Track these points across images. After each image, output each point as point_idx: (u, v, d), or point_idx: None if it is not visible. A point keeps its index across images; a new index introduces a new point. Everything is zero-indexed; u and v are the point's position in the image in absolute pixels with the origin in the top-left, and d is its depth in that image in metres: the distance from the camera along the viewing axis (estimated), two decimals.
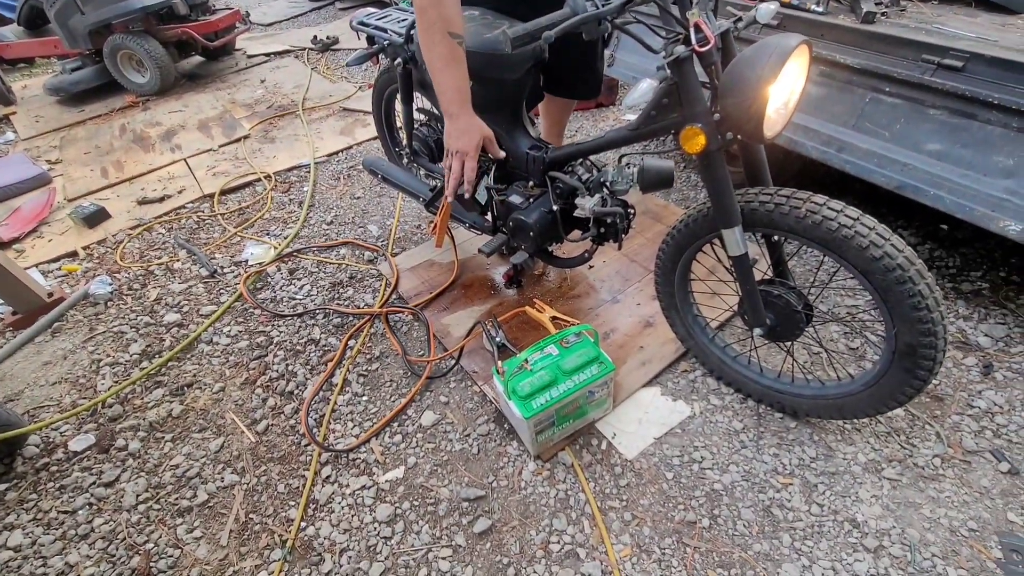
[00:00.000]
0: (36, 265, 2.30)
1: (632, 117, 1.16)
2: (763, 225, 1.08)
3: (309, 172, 2.73)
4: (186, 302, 2.02)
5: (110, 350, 1.85)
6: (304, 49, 4.47)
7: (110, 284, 2.10)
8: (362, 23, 1.65)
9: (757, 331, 1.24)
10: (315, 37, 4.51)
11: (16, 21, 4.16)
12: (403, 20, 1.60)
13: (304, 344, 1.77)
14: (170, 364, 1.77)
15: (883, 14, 1.56)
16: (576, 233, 1.53)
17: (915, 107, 1.43)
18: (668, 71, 0.96)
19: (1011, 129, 1.28)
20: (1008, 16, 1.56)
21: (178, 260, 2.24)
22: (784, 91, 0.94)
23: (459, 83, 1.19)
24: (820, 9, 1.62)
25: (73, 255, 2.36)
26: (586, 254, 1.53)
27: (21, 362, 1.85)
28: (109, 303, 2.05)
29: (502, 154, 1.36)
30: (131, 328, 1.92)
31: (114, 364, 1.80)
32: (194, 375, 1.72)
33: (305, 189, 2.61)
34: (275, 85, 3.86)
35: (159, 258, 2.27)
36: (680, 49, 0.94)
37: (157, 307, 2.01)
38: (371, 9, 1.72)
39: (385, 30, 1.56)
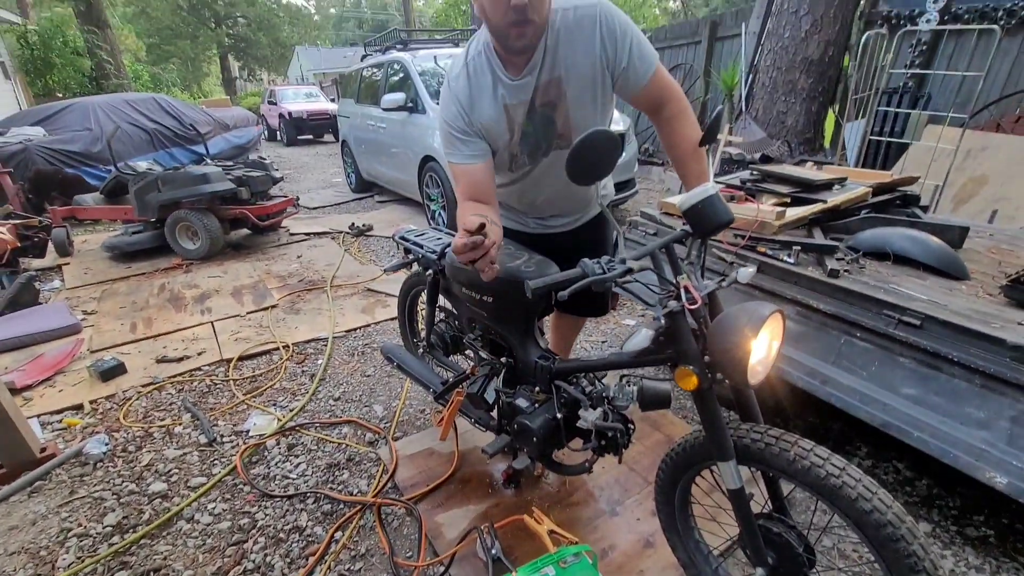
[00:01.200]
0: (39, 415, 2.32)
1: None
2: (756, 462, 1.14)
3: (326, 346, 2.88)
4: (177, 471, 1.98)
5: (84, 519, 1.76)
6: (341, 233, 5.05)
7: (106, 444, 2.09)
8: (403, 237, 1.94)
9: (760, 572, 1.21)
10: (352, 224, 5.14)
11: (100, 191, 4.82)
12: (439, 239, 1.89)
13: (288, 532, 1.69)
14: (142, 542, 1.67)
15: (846, 270, 1.83)
16: (578, 442, 1.57)
17: (886, 353, 1.60)
18: (662, 321, 1.13)
19: (975, 385, 1.41)
20: (953, 282, 1.83)
21: (180, 424, 2.25)
22: (762, 347, 1.09)
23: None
24: (792, 261, 1.91)
25: (79, 408, 2.38)
26: (587, 463, 1.55)
27: None
28: (100, 464, 2.01)
29: (499, 231, 1.28)
30: (112, 495, 1.86)
31: (83, 536, 1.70)
32: (165, 558, 1.61)
33: (319, 362, 2.73)
34: (309, 261, 4.28)
35: (162, 420, 2.29)
36: (673, 304, 1.12)
37: (146, 473, 1.96)
38: (412, 226, 2.05)
39: (422, 246, 1.84)
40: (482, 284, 1.56)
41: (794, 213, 2.16)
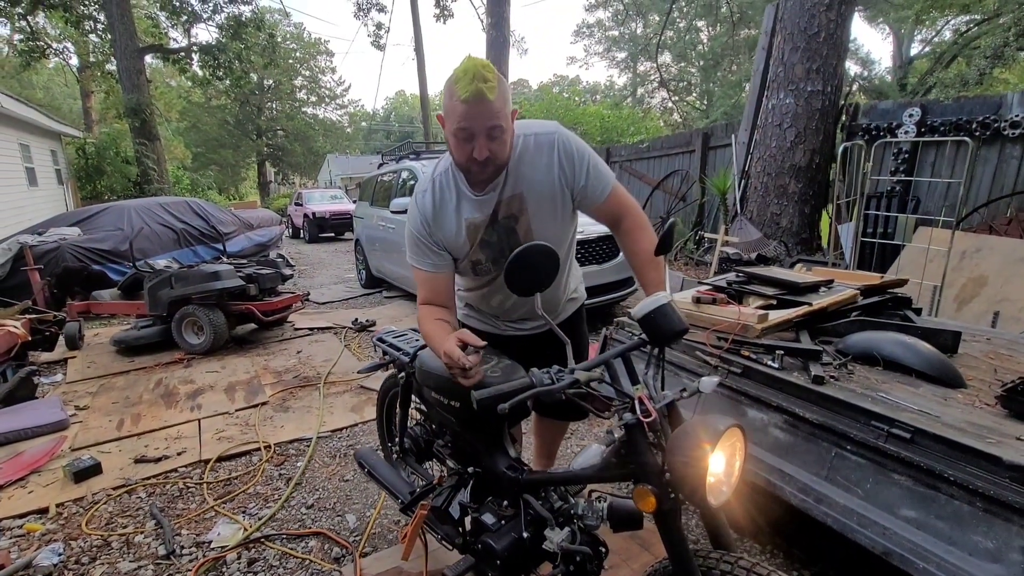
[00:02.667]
0: (0, 519, 2.22)
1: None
2: None
3: (308, 447, 2.80)
4: None
5: None
6: (344, 328, 5.11)
7: (59, 554, 1.97)
8: (381, 339, 1.96)
9: None
10: (356, 319, 5.22)
11: (118, 287, 5.03)
12: (417, 340, 1.90)
13: None
14: None
15: (832, 376, 1.77)
16: (547, 567, 1.44)
17: (879, 469, 1.49)
18: (615, 435, 1.08)
19: (977, 508, 1.29)
20: (948, 389, 1.74)
21: (142, 532, 2.14)
22: (720, 463, 1.03)
23: (445, 332, 1.33)
24: (776, 365, 1.86)
25: (44, 512, 2.29)
26: None
27: None
28: None
29: (481, 342, 1.21)
30: None
31: None
32: None
33: (299, 465, 2.63)
34: (308, 357, 4.30)
35: (125, 527, 2.18)
36: (628, 416, 1.08)
37: None
38: (393, 327, 2.07)
39: (398, 348, 1.84)
40: (450, 388, 1.54)
41: (777, 316, 2.14)
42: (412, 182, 5.74)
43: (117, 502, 2.35)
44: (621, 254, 4.71)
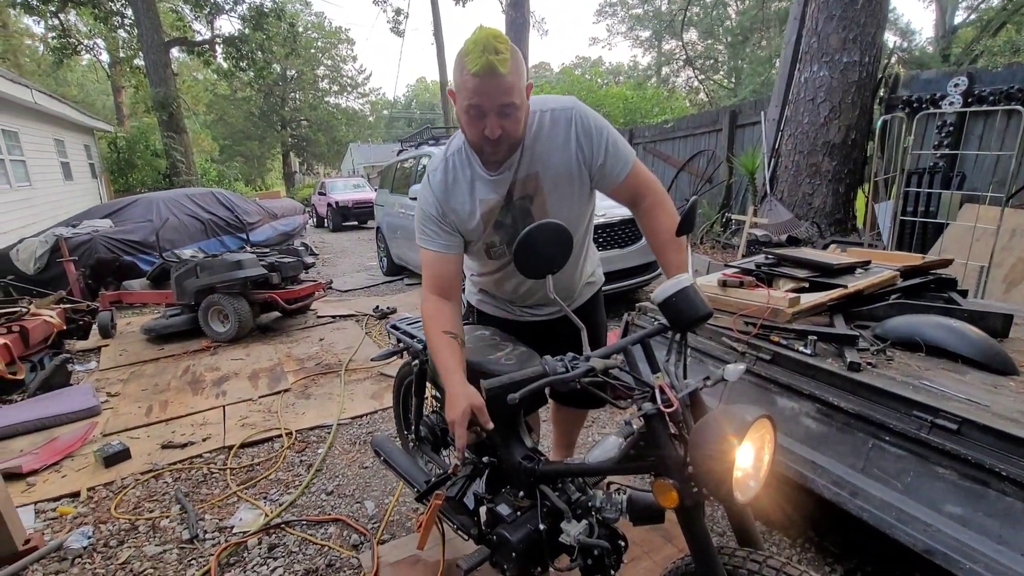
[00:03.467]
0: (36, 502, 2.30)
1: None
2: None
3: (329, 434, 2.81)
4: (152, 570, 1.88)
5: None
6: (365, 316, 5.14)
7: (88, 537, 2.03)
8: (395, 327, 1.92)
9: None
10: (377, 307, 5.24)
11: (147, 277, 5.15)
12: None
13: None
14: None
15: (869, 363, 1.66)
16: (565, 560, 1.40)
17: (922, 462, 1.39)
18: (633, 427, 1.01)
19: None
20: (998, 377, 1.61)
21: (168, 516, 2.18)
22: (748, 458, 0.95)
23: (450, 364, 1.30)
24: (808, 351, 1.75)
25: (76, 495, 2.36)
26: None
27: None
28: (77, 560, 1.94)
29: (490, 425, 1.30)
30: None
31: None
32: None
33: (320, 451, 2.65)
34: (330, 344, 4.33)
35: (151, 511, 2.22)
36: (648, 406, 1.01)
37: (120, 573, 1.87)
38: (408, 315, 2.03)
39: (412, 336, 1.80)
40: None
41: (810, 299, 2.02)
42: None
43: (144, 487, 2.41)
44: (644, 238, 4.60)
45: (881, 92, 5.19)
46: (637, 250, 4.44)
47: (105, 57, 19.56)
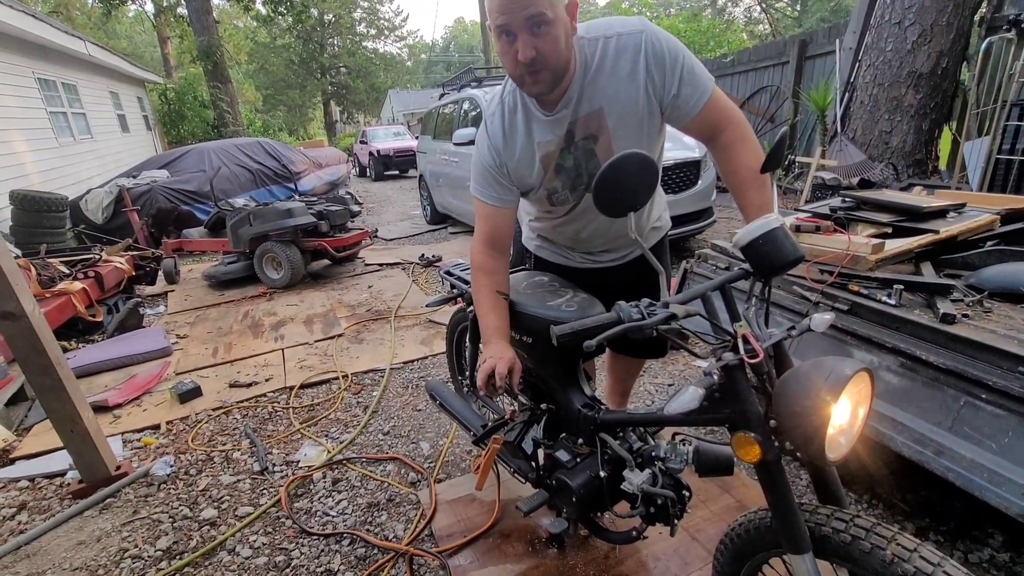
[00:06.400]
0: (123, 433, 2.50)
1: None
2: (838, 558, 0.91)
3: (383, 377, 2.89)
4: (229, 497, 2.02)
5: (140, 540, 1.83)
6: (411, 264, 5.18)
7: (171, 466, 2.19)
8: (448, 272, 1.89)
9: None
10: (423, 255, 5.26)
11: (204, 225, 5.34)
12: None
13: (320, 575, 1.64)
14: (186, 570, 1.69)
15: (964, 315, 1.51)
16: (624, 506, 1.39)
17: (1022, 422, 1.27)
18: (715, 377, 0.95)
19: None
20: None
21: (239, 449, 2.32)
22: (844, 415, 0.88)
23: (496, 323, 1.33)
24: (893, 302, 1.61)
25: (156, 428, 2.54)
26: (634, 532, 1.36)
27: (61, 537, 1.87)
28: (163, 485, 2.11)
29: (518, 385, 1.35)
30: (168, 519, 1.92)
31: (136, 558, 1.75)
32: None
33: (375, 394, 2.73)
34: (379, 291, 4.41)
35: (224, 444, 2.38)
36: (729, 356, 0.94)
37: (201, 499, 2.02)
38: (461, 260, 1.99)
39: (467, 282, 1.77)
40: (521, 323, 1.46)
41: (895, 245, 1.85)
42: (475, 112, 5.50)
43: (216, 422, 2.57)
44: (700, 182, 4.33)
45: (983, 10, 4.55)
46: (692, 195, 4.21)
47: (150, 7, 19.69)
